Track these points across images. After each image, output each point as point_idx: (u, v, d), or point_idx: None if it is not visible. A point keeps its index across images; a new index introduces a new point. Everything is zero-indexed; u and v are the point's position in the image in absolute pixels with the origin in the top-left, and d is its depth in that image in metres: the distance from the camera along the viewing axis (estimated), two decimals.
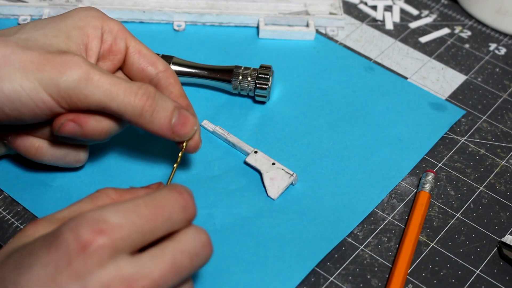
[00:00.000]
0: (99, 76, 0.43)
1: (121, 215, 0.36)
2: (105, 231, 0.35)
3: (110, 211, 0.36)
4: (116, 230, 0.35)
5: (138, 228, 0.36)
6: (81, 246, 0.34)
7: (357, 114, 0.58)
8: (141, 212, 0.36)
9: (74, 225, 0.35)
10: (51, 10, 0.63)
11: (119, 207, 0.36)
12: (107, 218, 0.35)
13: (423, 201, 0.52)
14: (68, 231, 0.35)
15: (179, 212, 0.38)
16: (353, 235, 0.50)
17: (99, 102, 0.43)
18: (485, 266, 0.49)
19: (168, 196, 0.38)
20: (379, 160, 0.55)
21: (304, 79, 0.61)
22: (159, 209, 0.37)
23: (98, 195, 0.40)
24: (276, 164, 0.53)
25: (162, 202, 0.38)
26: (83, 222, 0.35)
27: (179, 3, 0.65)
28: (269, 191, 0.52)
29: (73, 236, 0.34)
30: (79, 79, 0.43)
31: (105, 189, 0.40)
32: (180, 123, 0.46)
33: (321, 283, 0.47)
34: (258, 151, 0.53)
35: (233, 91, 0.58)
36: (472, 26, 0.68)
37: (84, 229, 0.34)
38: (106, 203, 0.39)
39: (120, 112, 0.44)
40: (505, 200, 0.54)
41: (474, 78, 0.63)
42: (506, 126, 0.59)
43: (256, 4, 0.66)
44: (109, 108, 0.44)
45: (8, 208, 0.50)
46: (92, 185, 0.51)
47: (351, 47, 0.65)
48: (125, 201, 0.37)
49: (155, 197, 0.38)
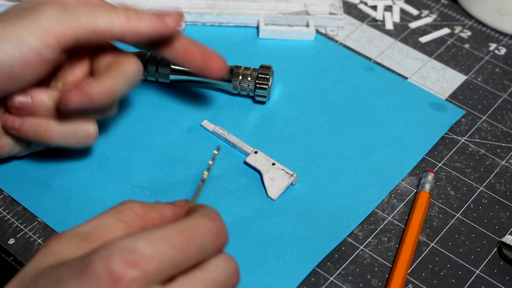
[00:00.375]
0: (76, 6, 0.46)
1: (153, 245, 0.35)
2: (137, 264, 0.34)
3: (142, 241, 0.35)
4: (148, 262, 0.34)
5: (170, 260, 0.35)
6: (114, 278, 0.33)
7: (357, 114, 0.58)
8: (173, 242, 0.35)
9: (106, 255, 0.34)
10: None
11: (151, 236, 0.35)
12: (139, 249, 0.34)
13: (423, 201, 0.52)
14: (100, 261, 0.34)
15: (212, 241, 0.37)
16: (353, 235, 0.50)
17: (85, 27, 0.45)
18: (485, 266, 0.49)
19: (201, 224, 0.37)
20: (379, 160, 0.55)
21: (304, 79, 0.61)
22: (191, 238, 0.36)
23: (122, 209, 0.39)
24: (276, 164, 0.53)
25: (194, 231, 0.37)
26: (115, 253, 0.34)
27: (179, 3, 0.65)
28: (269, 191, 0.52)
29: (105, 267, 0.33)
30: (58, 13, 0.44)
31: (129, 203, 0.39)
32: (166, 14, 0.49)
33: (321, 283, 0.47)
34: (258, 151, 0.53)
35: (233, 91, 0.58)
36: (472, 26, 0.68)
37: (116, 261, 0.34)
38: (130, 218, 0.38)
39: (108, 27, 0.46)
40: (505, 200, 0.54)
41: (474, 78, 0.63)
42: (506, 126, 0.59)
43: (256, 4, 0.66)
44: (97, 28, 0.46)
45: (8, 208, 0.50)
46: (92, 185, 0.51)
47: (351, 47, 0.65)
48: (156, 229, 0.36)
49: (188, 225, 0.37)
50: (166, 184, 0.52)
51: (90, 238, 0.37)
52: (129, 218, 0.38)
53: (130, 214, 0.38)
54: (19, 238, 0.48)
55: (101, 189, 0.51)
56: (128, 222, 0.38)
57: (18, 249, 0.48)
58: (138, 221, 0.38)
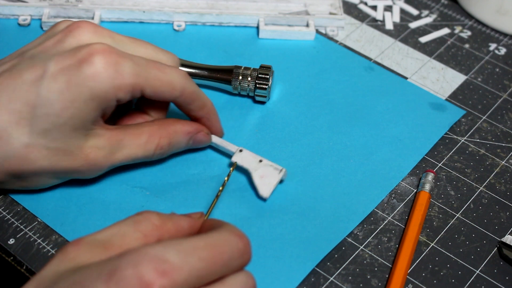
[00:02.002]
0: None
1: (182, 256, 0.35)
2: (167, 273, 0.34)
3: (172, 251, 0.35)
4: (177, 272, 0.34)
5: (197, 272, 0.35)
6: (143, 285, 0.33)
7: (357, 114, 0.58)
8: (201, 255, 0.36)
9: (136, 262, 0.34)
10: (51, 10, 0.63)
11: (180, 247, 0.35)
12: (169, 258, 0.35)
13: (423, 201, 0.52)
14: (129, 267, 0.34)
15: (237, 258, 0.38)
16: (353, 235, 0.50)
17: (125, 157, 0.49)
18: (485, 266, 0.49)
19: (229, 240, 0.38)
20: (379, 160, 0.55)
21: (304, 79, 0.61)
22: (219, 253, 0.37)
23: (140, 219, 0.39)
24: (263, 160, 0.52)
25: (223, 247, 0.37)
26: (145, 260, 0.34)
27: (179, 3, 0.65)
28: (260, 190, 0.51)
29: (135, 274, 0.34)
30: None
31: (147, 213, 0.39)
32: (194, 145, 0.53)
33: (321, 283, 0.47)
34: (243, 149, 0.53)
35: (233, 91, 0.58)
36: (472, 26, 0.68)
37: (146, 268, 0.34)
38: (148, 228, 0.38)
39: (132, 159, 0.49)
40: (505, 200, 0.54)
41: (474, 78, 0.63)
42: (506, 126, 0.59)
43: (256, 4, 0.66)
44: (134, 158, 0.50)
45: (8, 208, 0.50)
46: (92, 185, 0.51)
47: (351, 47, 0.65)
48: (185, 240, 0.36)
49: (216, 240, 0.37)
50: (166, 184, 0.52)
51: (108, 246, 0.37)
52: (147, 229, 0.38)
53: (147, 225, 0.39)
54: (19, 238, 0.48)
55: (101, 189, 0.51)
56: (145, 233, 0.38)
57: (18, 249, 0.48)
58: (155, 232, 0.39)
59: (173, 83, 0.48)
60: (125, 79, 0.45)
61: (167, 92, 0.48)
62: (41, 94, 0.44)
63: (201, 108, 0.51)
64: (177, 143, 0.51)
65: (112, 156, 0.48)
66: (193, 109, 0.50)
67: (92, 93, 0.44)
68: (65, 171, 0.47)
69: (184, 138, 0.51)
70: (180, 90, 0.48)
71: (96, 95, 0.44)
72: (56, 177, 0.48)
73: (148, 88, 0.47)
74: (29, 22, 0.63)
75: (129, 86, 0.45)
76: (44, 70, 0.44)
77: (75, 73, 0.44)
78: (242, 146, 0.55)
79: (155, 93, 0.47)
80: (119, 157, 0.48)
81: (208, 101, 0.51)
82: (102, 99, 0.45)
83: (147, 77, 0.46)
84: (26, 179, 0.47)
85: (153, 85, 0.47)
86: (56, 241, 0.48)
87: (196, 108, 0.51)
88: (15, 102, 0.44)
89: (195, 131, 0.51)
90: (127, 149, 0.48)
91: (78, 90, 0.44)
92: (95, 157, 0.47)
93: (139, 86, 0.46)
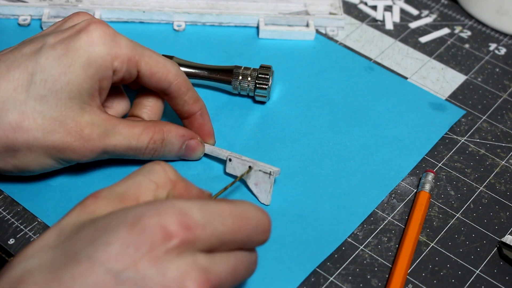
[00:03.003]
0: None
1: (206, 216, 0.35)
2: (190, 228, 0.34)
3: (196, 208, 0.35)
4: (200, 229, 0.35)
5: (219, 236, 0.36)
6: (166, 235, 0.34)
7: (357, 114, 0.58)
8: (225, 221, 0.36)
9: (161, 211, 0.35)
10: (51, 10, 0.63)
11: (205, 207, 0.36)
12: (193, 214, 0.35)
13: (423, 201, 0.52)
14: (153, 216, 0.34)
15: (259, 234, 0.38)
16: (353, 235, 0.50)
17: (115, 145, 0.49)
18: (485, 266, 0.49)
19: (255, 214, 0.38)
20: (379, 160, 0.55)
21: (304, 79, 0.61)
22: (243, 224, 0.37)
23: (156, 168, 0.39)
24: (253, 166, 0.51)
25: (247, 219, 0.37)
26: (170, 211, 0.35)
27: (179, 3, 0.65)
28: (260, 198, 0.51)
29: (159, 224, 0.34)
30: None
31: (163, 164, 0.40)
32: (186, 154, 0.52)
33: (321, 283, 0.47)
34: (232, 158, 0.52)
35: (233, 91, 0.58)
36: (472, 26, 0.68)
37: (170, 219, 0.34)
38: (162, 180, 0.39)
39: (125, 148, 0.49)
40: (505, 200, 0.54)
41: (474, 78, 0.63)
42: (506, 126, 0.59)
43: (256, 4, 0.66)
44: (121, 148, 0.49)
45: (8, 208, 0.50)
46: (92, 185, 0.51)
47: (351, 47, 0.65)
48: (211, 202, 0.37)
49: (242, 210, 0.37)
50: None
51: (124, 198, 0.37)
52: (161, 180, 0.39)
53: (162, 175, 0.39)
54: (19, 238, 0.48)
55: None
56: (158, 183, 0.39)
57: (18, 249, 0.48)
58: (168, 184, 0.39)
59: (167, 66, 0.49)
60: (122, 49, 0.47)
61: (162, 74, 0.49)
62: (40, 61, 0.45)
63: (195, 102, 0.51)
64: (170, 143, 0.51)
65: (106, 138, 0.48)
66: (187, 101, 0.51)
67: (89, 58, 0.45)
68: (58, 147, 0.46)
69: (178, 141, 0.51)
70: (174, 74, 0.49)
71: (93, 60, 0.46)
72: (48, 155, 0.47)
73: (144, 64, 0.48)
74: (29, 22, 0.63)
75: (125, 56, 0.47)
76: (43, 43, 0.46)
77: (72, 40, 0.46)
78: (242, 146, 0.55)
79: (151, 72, 0.48)
80: (113, 141, 0.48)
81: (200, 98, 0.52)
82: (99, 66, 0.46)
83: (143, 53, 0.48)
84: (18, 156, 0.47)
85: (149, 63, 0.48)
86: None
87: (191, 100, 0.51)
88: (13, 71, 0.45)
89: (189, 136, 0.52)
90: (121, 135, 0.48)
91: (76, 55, 0.45)
92: (89, 134, 0.47)
93: (135, 59, 0.47)
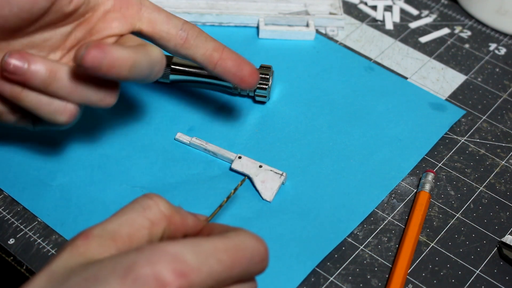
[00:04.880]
0: None
1: (201, 257, 0.34)
2: (185, 274, 0.33)
3: (189, 251, 0.34)
4: (195, 274, 0.34)
5: (215, 276, 0.35)
6: (161, 285, 0.33)
7: (357, 114, 0.58)
8: (221, 258, 0.35)
9: (152, 260, 0.33)
10: None
11: (199, 248, 0.35)
12: (187, 259, 0.34)
13: (423, 201, 0.52)
14: (146, 265, 0.33)
15: (256, 264, 0.37)
16: (353, 235, 0.50)
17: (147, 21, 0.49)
18: (485, 266, 0.49)
19: (250, 245, 0.36)
20: (379, 160, 0.55)
21: (304, 79, 0.61)
22: (238, 258, 0.36)
23: (149, 204, 0.38)
24: (263, 166, 0.52)
25: (243, 251, 0.36)
26: (162, 259, 0.33)
27: (179, 3, 0.65)
28: (263, 194, 0.51)
29: (152, 273, 0.33)
30: None
31: (156, 198, 0.38)
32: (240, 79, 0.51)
33: (321, 283, 0.47)
34: (242, 156, 0.53)
35: (233, 91, 0.58)
36: (472, 26, 0.68)
37: (164, 268, 0.33)
38: (156, 216, 0.37)
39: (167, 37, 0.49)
40: (505, 200, 0.54)
41: (474, 78, 0.63)
42: (506, 126, 0.59)
43: (256, 4, 0.66)
44: (156, 31, 0.49)
45: (8, 208, 0.50)
46: (92, 185, 0.51)
47: (351, 47, 0.65)
48: (204, 241, 0.35)
49: (236, 243, 0.36)
50: (166, 184, 0.52)
51: (116, 238, 0.36)
52: (155, 217, 0.37)
53: (156, 212, 0.37)
54: (19, 238, 0.48)
55: (101, 189, 0.51)
56: (153, 220, 0.37)
57: (18, 249, 0.48)
58: (163, 221, 0.38)
59: None
60: None
61: None
62: None
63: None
64: (203, 38, 0.51)
65: None
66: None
67: None
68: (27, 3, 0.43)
69: (211, 41, 0.52)
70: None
71: None
72: (15, 15, 0.43)
73: None
74: None
75: None
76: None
77: None
78: (242, 146, 0.55)
79: None
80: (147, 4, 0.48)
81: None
82: None
83: None
84: None
85: None
86: (56, 241, 0.48)
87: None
88: None
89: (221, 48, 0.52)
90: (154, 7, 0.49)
91: None
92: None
93: None
